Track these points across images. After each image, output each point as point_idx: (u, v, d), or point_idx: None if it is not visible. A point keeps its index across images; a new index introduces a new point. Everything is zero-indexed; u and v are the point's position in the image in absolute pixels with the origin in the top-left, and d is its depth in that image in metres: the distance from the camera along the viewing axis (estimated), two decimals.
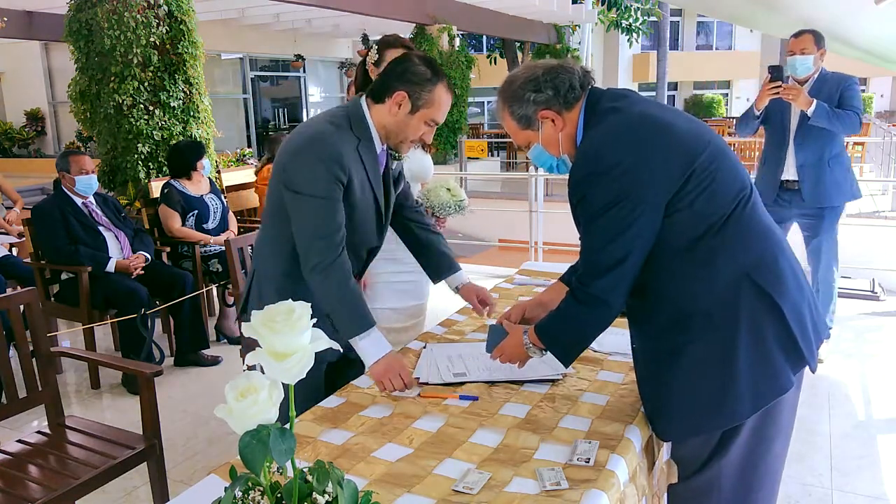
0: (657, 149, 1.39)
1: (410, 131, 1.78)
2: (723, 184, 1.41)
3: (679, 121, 1.45)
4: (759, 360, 1.41)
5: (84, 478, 2.00)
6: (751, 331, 1.40)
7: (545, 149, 1.55)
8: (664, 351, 1.47)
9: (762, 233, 1.46)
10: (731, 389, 1.41)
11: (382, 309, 2.42)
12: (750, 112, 3.67)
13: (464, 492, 1.26)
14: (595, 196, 1.40)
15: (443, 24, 10.21)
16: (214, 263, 4.31)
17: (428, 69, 1.74)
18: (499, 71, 16.49)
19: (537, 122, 1.52)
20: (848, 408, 3.21)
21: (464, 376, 1.79)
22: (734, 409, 1.42)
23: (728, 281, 1.40)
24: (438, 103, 1.76)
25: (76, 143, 12.18)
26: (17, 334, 2.33)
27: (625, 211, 1.37)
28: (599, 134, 1.44)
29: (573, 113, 1.50)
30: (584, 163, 1.43)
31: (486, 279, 5.38)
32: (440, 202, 2.39)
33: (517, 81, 1.52)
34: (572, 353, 1.56)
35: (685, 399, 1.46)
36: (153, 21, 4.91)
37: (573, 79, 1.49)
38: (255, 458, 0.84)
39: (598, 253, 1.43)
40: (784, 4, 5.80)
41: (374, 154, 1.81)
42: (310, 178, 1.69)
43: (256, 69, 14.42)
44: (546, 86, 1.48)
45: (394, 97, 1.74)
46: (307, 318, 0.89)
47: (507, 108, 1.55)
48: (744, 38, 24.94)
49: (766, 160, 3.73)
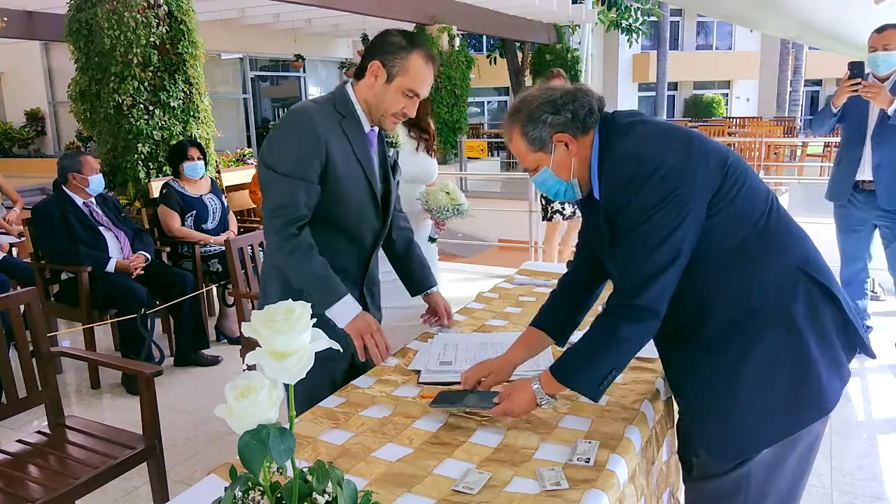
0: (694, 149, 1.37)
1: (389, 103, 1.76)
2: (754, 183, 1.42)
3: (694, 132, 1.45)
4: (827, 350, 1.40)
5: (84, 478, 2.00)
6: (812, 322, 1.39)
7: (554, 173, 1.50)
8: (725, 360, 1.41)
9: (799, 231, 1.47)
10: (811, 383, 1.38)
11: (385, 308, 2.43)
12: (826, 109, 3.55)
13: (464, 492, 1.26)
14: (640, 201, 1.35)
15: (443, 24, 10.21)
16: (215, 263, 4.31)
17: (403, 39, 1.74)
18: (499, 71, 16.50)
19: (551, 145, 1.47)
20: (848, 408, 3.21)
21: (449, 365, 1.81)
22: (818, 402, 1.40)
23: (783, 277, 1.40)
24: (415, 72, 1.74)
25: (76, 143, 12.17)
26: (17, 334, 2.33)
27: (672, 213, 1.33)
28: (635, 141, 1.40)
29: (588, 137, 1.46)
30: (625, 168, 1.37)
31: (486, 279, 5.38)
32: (438, 205, 2.39)
33: (534, 102, 1.47)
34: (605, 383, 1.43)
35: (759, 406, 1.40)
36: (153, 21, 4.92)
37: (591, 102, 1.46)
38: (255, 458, 0.84)
39: (642, 261, 1.36)
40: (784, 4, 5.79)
41: (360, 131, 1.81)
42: (279, 153, 1.71)
43: (256, 69, 14.42)
44: (565, 109, 1.44)
45: (370, 68, 1.75)
46: (307, 317, 0.89)
47: (520, 129, 1.49)
48: (744, 38, 24.95)
49: (840, 160, 3.61)
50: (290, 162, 1.70)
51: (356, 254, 1.89)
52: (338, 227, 1.81)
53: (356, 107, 1.79)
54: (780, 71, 22.22)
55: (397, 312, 2.47)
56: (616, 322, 1.40)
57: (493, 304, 2.42)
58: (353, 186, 1.79)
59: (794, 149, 13.40)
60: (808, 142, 13.34)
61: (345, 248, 1.85)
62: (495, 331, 2.13)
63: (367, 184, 1.82)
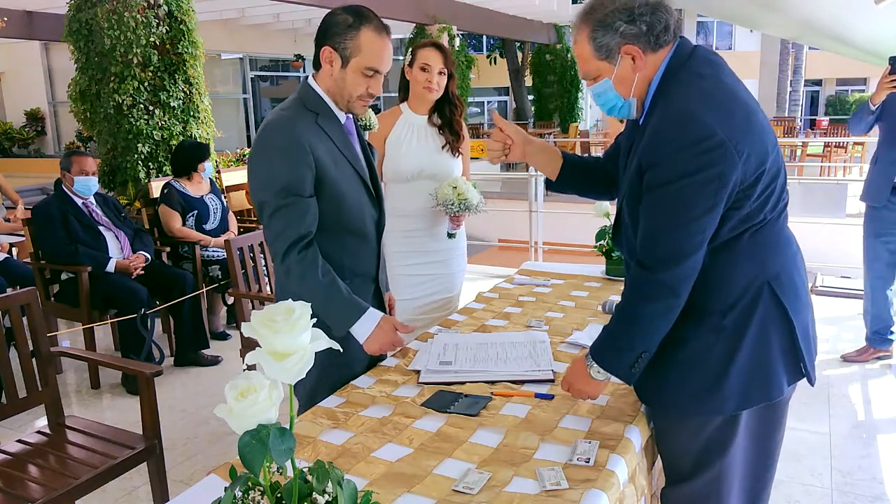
0: (749, 136, 1.28)
1: (350, 87, 1.68)
2: (778, 189, 1.37)
3: (760, 113, 1.36)
4: (757, 365, 1.39)
5: (84, 478, 2.00)
6: (758, 337, 1.38)
7: (615, 86, 1.40)
8: (672, 334, 1.40)
9: (787, 244, 1.44)
10: (721, 384, 1.39)
11: (401, 300, 2.46)
12: (865, 107, 3.42)
13: (464, 492, 1.26)
14: (675, 163, 1.27)
15: (443, 24, 10.21)
16: (215, 269, 4.30)
17: (349, 16, 1.65)
18: (499, 71, 16.53)
19: (617, 56, 1.36)
20: (848, 408, 3.21)
21: (449, 365, 1.81)
22: (720, 402, 1.40)
23: (749, 286, 1.38)
24: (368, 49, 1.64)
25: (76, 143, 12.19)
26: (17, 334, 2.33)
27: (709, 189, 1.26)
28: (692, 98, 1.30)
29: (658, 56, 1.36)
30: (672, 126, 1.28)
31: (486, 279, 5.38)
32: (445, 200, 2.41)
33: (610, 6, 1.34)
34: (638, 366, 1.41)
35: (678, 377, 1.43)
36: (153, 21, 4.92)
37: (670, 20, 1.34)
38: (255, 457, 0.84)
39: (677, 237, 1.30)
40: (784, 4, 5.79)
41: (337, 124, 1.74)
42: (267, 177, 1.64)
43: (256, 69, 14.43)
44: (641, 19, 1.33)
45: (322, 55, 1.68)
46: (307, 317, 0.89)
47: (588, 32, 1.37)
48: (744, 38, 24.96)
49: (877, 160, 3.50)
50: (280, 182, 1.62)
51: (366, 249, 1.84)
52: (343, 228, 1.76)
53: (325, 99, 1.71)
54: (780, 71, 22.19)
55: (415, 304, 2.51)
56: (634, 303, 1.39)
57: (493, 304, 2.43)
58: (347, 185, 1.74)
59: (794, 149, 13.40)
60: (808, 142, 13.35)
61: (354, 247, 1.80)
62: (495, 331, 2.13)
63: (358, 178, 1.78)
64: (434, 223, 2.53)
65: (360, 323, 1.70)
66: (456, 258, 2.62)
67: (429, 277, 2.55)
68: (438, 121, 2.49)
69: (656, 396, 1.50)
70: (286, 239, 1.65)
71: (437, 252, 2.55)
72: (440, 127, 2.50)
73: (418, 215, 2.49)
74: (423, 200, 2.48)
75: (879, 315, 3.63)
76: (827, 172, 11.75)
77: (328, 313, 1.67)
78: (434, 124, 2.50)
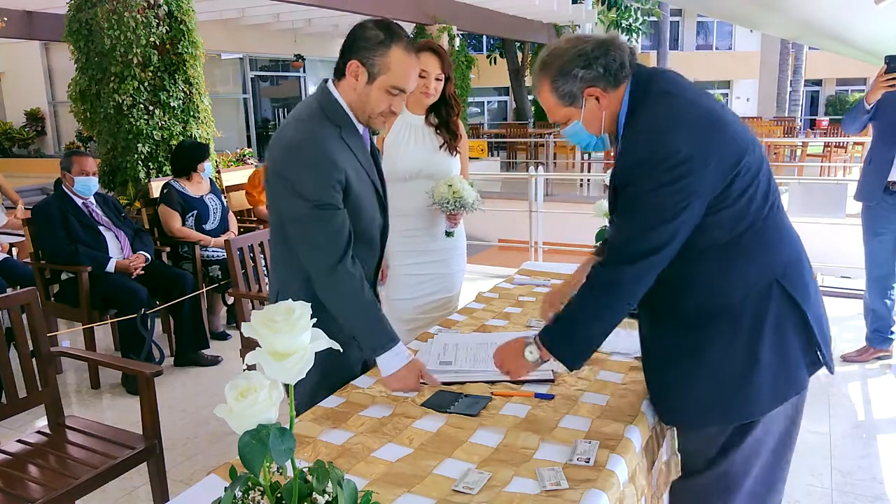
0: (714, 143, 1.35)
1: (373, 104, 1.65)
2: (763, 182, 1.42)
3: (727, 115, 1.42)
4: (780, 361, 1.43)
5: (84, 478, 2.00)
6: (776, 332, 1.42)
7: (584, 127, 1.49)
8: (685, 344, 1.47)
9: (791, 238, 1.48)
10: (750, 386, 1.43)
11: (400, 300, 2.46)
12: (859, 106, 3.42)
13: (464, 492, 1.26)
14: (647, 182, 1.35)
15: (443, 24, 10.21)
16: (215, 269, 4.30)
17: (380, 32, 1.61)
18: (499, 71, 16.52)
19: (581, 99, 1.45)
20: (848, 408, 3.21)
21: (449, 365, 1.81)
22: (752, 404, 1.44)
23: (759, 284, 1.42)
24: (397, 68, 1.62)
25: (76, 143, 12.18)
26: (17, 334, 2.33)
27: (673, 200, 1.33)
28: (658, 118, 1.38)
29: (619, 91, 1.44)
30: (640, 147, 1.37)
31: (486, 279, 5.38)
32: (441, 198, 2.42)
33: (564, 56, 1.43)
34: (580, 352, 1.49)
35: (704, 390, 1.46)
36: (153, 21, 4.92)
37: (623, 56, 1.42)
38: (255, 457, 0.84)
39: (635, 239, 1.38)
40: (784, 4, 5.79)
41: (358, 137, 1.71)
42: (302, 187, 1.59)
43: (256, 69, 14.42)
44: (597, 62, 1.41)
45: (349, 69, 1.63)
46: (307, 317, 0.89)
47: (550, 83, 1.46)
48: (744, 38, 24.97)
49: (871, 159, 3.50)
50: (316, 195, 1.59)
51: (370, 256, 1.83)
52: (357, 237, 1.72)
53: (347, 110, 1.68)
54: (780, 71, 22.19)
55: (413, 303, 2.51)
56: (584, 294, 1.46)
57: (493, 304, 2.43)
58: (365, 196, 1.73)
59: (794, 149, 13.40)
60: (808, 142, 13.35)
61: (365, 255, 1.78)
62: (495, 331, 2.13)
63: (374, 189, 1.77)
64: (433, 223, 2.53)
65: (390, 355, 1.64)
66: (455, 258, 2.62)
67: (428, 277, 2.55)
68: (435, 120, 2.50)
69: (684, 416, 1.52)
70: (334, 250, 1.61)
71: (437, 251, 2.56)
72: (437, 126, 2.50)
73: (417, 215, 2.49)
74: (422, 200, 2.48)
75: (879, 314, 3.63)
76: (827, 172, 11.75)
77: (365, 333, 1.65)
78: (431, 124, 2.50)
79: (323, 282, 1.64)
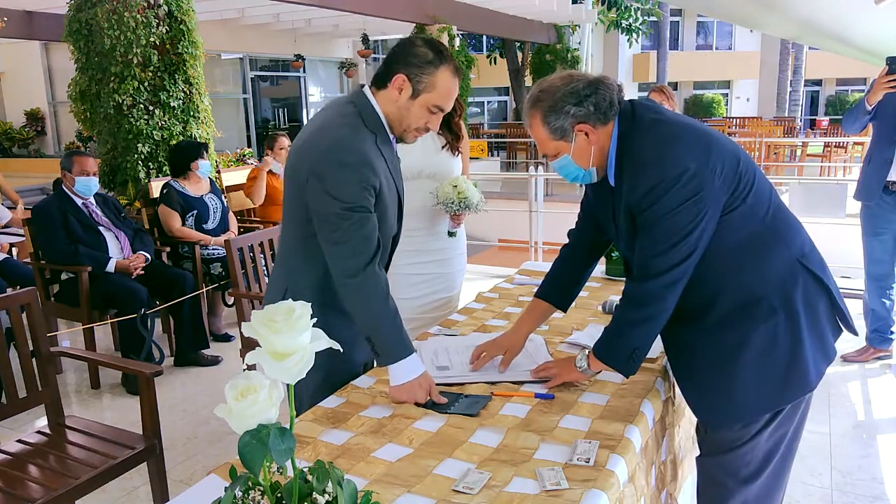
0: (714, 152, 1.44)
1: (412, 119, 1.67)
2: (760, 180, 1.52)
3: (709, 128, 1.53)
4: (817, 335, 1.53)
5: (84, 478, 2.00)
6: (807, 308, 1.51)
7: (574, 161, 1.55)
8: (729, 341, 1.52)
9: (796, 223, 1.58)
10: (800, 363, 1.50)
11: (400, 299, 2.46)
12: (860, 107, 3.43)
13: (464, 492, 1.26)
14: (664, 204, 1.42)
15: (443, 24, 10.20)
16: (216, 267, 4.30)
17: (430, 51, 1.63)
18: (499, 71, 16.50)
19: (572, 134, 1.51)
20: (848, 408, 3.21)
21: (446, 370, 1.81)
22: (803, 380, 1.51)
23: (785, 267, 1.51)
24: (442, 88, 1.64)
25: (76, 143, 12.18)
26: (17, 334, 2.33)
27: (691, 214, 1.42)
28: (658, 143, 1.46)
29: (608, 127, 1.51)
30: (650, 173, 1.44)
31: (486, 279, 5.38)
32: (445, 198, 2.43)
33: (556, 93, 1.49)
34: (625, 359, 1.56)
35: (755, 380, 1.51)
36: (153, 21, 4.92)
37: (613, 95, 1.50)
38: (255, 457, 0.84)
39: (662, 255, 1.46)
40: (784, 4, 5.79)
41: (390, 147, 1.72)
42: (339, 187, 1.57)
43: (256, 69, 14.42)
44: (588, 101, 1.48)
45: (394, 81, 1.63)
46: (307, 317, 0.89)
47: (542, 118, 1.52)
48: (744, 38, 24.97)
49: (871, 159, 3.52)
50: (352, 196, 1.58)
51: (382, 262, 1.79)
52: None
53: (383, 119, 1.68)
54: (780, 71, 22.22)
55: (411, 303, 2.52)
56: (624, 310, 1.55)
57: (493, 304, 2.43)
58: (390, 205, 1.73)
59: (794, 149, 13.41)
60: (808, 142, 13.35)
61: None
62: (495, 331, 2.13)
63: (397, 198, 1.77)
64: (434, 222, 2.53)
65: (404, 364, 1.62)
66: (456, 258, 2.63)
67: (429, 277, 2.55)
68: None
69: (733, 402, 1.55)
70: (364, 253, 1.60)
71: (438, 251, 2.56)
72: (439, 127, 2.50)
73: (418, 214, 2.49)
74: (424, 200, 2.48)
75: (879, 314, 3.63)
76: (827, 172, 11.76)
77: (384, 339, 1.63)
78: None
79: (349, 282, 1.62)
